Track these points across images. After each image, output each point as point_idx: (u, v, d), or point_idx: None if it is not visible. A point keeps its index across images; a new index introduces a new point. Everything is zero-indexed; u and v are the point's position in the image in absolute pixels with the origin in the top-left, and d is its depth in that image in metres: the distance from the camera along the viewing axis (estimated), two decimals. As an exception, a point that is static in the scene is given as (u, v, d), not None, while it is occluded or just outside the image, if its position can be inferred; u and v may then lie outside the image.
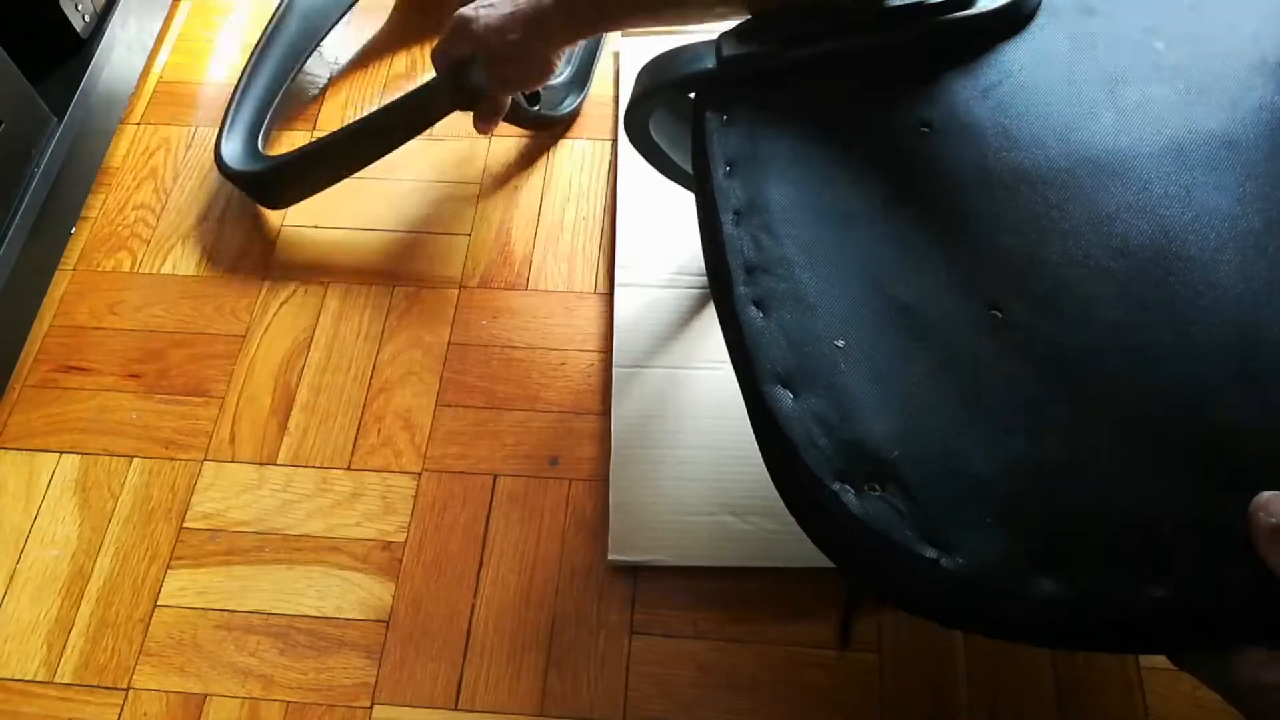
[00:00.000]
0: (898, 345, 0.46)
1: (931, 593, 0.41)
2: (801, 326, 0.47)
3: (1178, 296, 0.45)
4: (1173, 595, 0.39)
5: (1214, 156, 0.49)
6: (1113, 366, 0.44)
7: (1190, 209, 0.47)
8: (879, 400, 0.44)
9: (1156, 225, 0.47)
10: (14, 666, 0.78)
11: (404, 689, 0.76)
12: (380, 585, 0.80)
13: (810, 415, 0.44)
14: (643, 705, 0.74)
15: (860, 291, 0.48)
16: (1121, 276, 0.46)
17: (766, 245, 0.50)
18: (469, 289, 0.96)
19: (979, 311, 0.46)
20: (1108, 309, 0.45)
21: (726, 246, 0.50)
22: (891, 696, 0.74)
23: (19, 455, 0.88)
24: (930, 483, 0.42)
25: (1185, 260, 0.46)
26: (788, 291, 0.48)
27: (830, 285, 0.48)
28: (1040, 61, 0.54)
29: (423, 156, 1.06)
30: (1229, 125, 0.50)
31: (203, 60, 1.16)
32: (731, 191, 0.52)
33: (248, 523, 0.84)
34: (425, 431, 0.88)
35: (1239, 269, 0.45)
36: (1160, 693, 0.72)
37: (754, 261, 0.50)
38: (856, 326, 0.47)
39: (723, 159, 0.53)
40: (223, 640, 0.78)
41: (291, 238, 1.01)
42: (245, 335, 0.94)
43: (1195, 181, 0.48)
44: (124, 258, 1.00)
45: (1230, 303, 0.44)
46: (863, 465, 0.43)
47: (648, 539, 0.79)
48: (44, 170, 0.92)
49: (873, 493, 0.42)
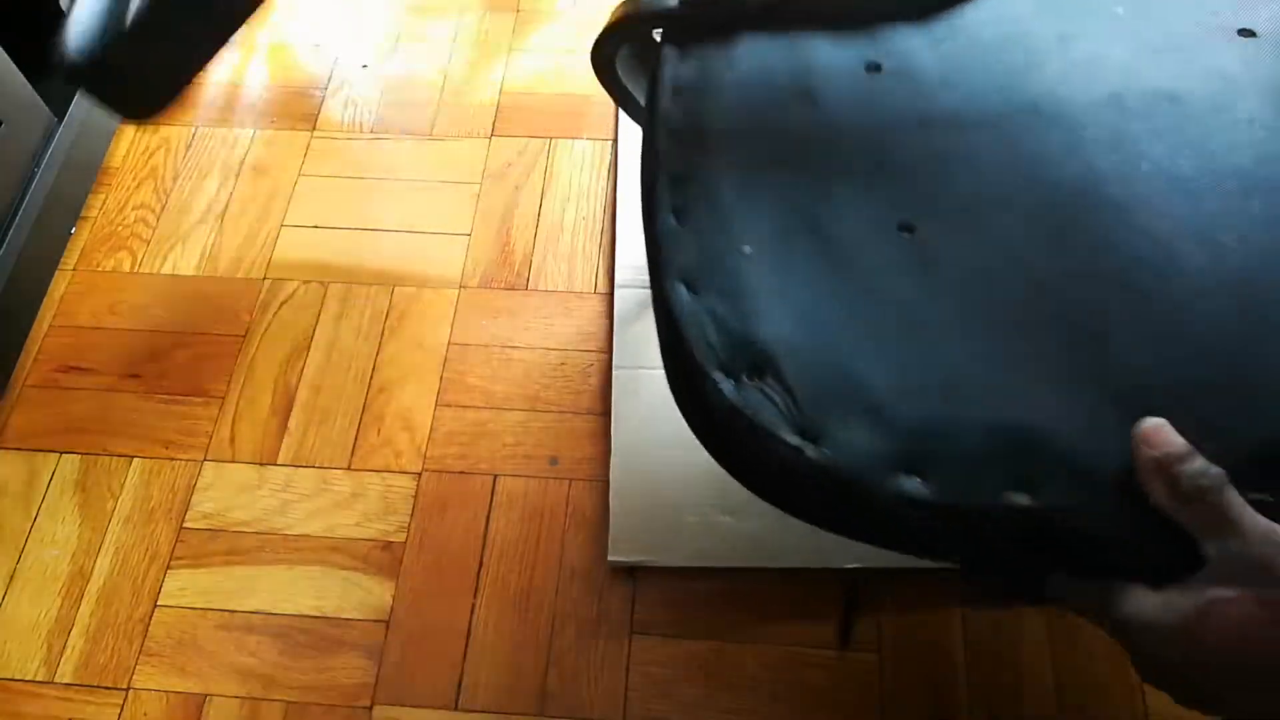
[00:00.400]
0: (803, 256, 0.48)
1: (795, 482, 0.43)
2: (713, 232, 0.49)
3: (1092, 233, 0.46)
4: (1037, 507, 0.40)
5: (1154, 108, 0.50)
6: (1014, 291, 0.45)
7: (1119, 153, 0.48)
8: (775, 303, 0.46)
9: (1083, 166, 0.48)
10: (14, 666, 0.78)
11: (404, 689, 0.76)
12: (380, 585, 0.80)
13: (705, 312, 0.46)
14: (643, 705, 0.74)
15: (777, 207, 0.50)
16: (1039, 210, 0.47)
17: (695, 160, 0.52)
18: (469, 289, 0.96)
19: (889, 232, 0.48)
20: (1019, 239, 0.46)
21: (659, 159, 0.53)
22: (891, 696, 0.74)
23: (19, 455, 0.88)
24: (809, 378, 0.44)
25: (1107, 200, 0.47)
26: (707, 203, 0.50)
27: (749, 200, 0.50)
28: (999, 20, 0.55)
29: (423, 156, 1.06)
30: (1175, 82, 0.51)
31: (203, 60, 1.16)
32: (673, 114, 0.54)
33: (248, 523, 0.84)
34: (425, 431, 0.88)
35: (1160, 210, 0.46)
36: (1161, 693, 0.72)
37: (680, 173, 0.52)
38: (767, 237, 0.49)
39: (671, 85, 0.56)
40: (223, 640, 0.78)
41: (291, 238, 1.01)
42: (245, 335, 0.94)
43: (1130, 130, 0.49)
44: (124, 258, 1.00)
45: (1146, 241, 0.45)
46: (746, 359, 0.45)
47: (648, 539, 0.79)
48: (44, 170, 0.92)
49: (751, 383, 0.44)
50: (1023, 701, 0.73)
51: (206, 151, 1.08)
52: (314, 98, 1.12)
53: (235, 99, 1.12)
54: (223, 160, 1.07)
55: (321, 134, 1.09)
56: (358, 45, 1.17)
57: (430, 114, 1.10)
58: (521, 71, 1.12)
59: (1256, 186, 0.46)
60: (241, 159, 1.07)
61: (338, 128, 1.09)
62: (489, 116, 1.09)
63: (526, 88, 1.11)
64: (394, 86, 1.12)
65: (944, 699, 0.73)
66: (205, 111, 1.12)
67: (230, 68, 1.16)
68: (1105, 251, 0.46)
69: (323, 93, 1.13)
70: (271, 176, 1.05)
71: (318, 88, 1.13)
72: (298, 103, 1.12)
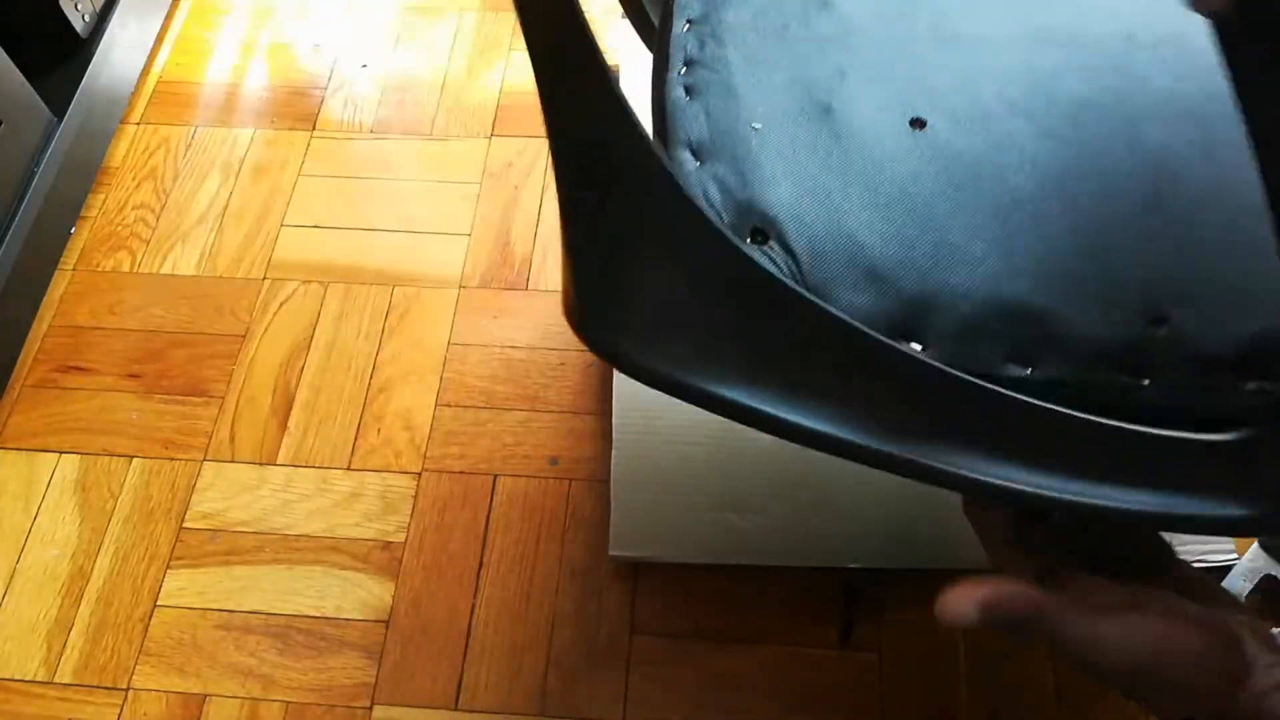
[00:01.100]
0: (813, 136, 0.48)
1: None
2: (723, 109, 0.49)
3: (1101, 139, 0.47)
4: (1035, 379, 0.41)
5: (1163, 43, 0.51)
6: (1024, 185, 0.46)
7: (1129, 78, 0.49)
8: (781, 174, 0.47)
9: (1094, 85, 0.49)
10: (14, 666, 0.78)
11: (404, 689, 0.76)
12: (380, 585, 0.80)
13: (710, 177, 0.47)
14: (643, 705, 0.74)
15: (789, 92, 0.50)
16: (1050, 119, 0.48)
17: (709, 46, 0.52)
18: (469, 289, 0.96)
19: (901, 124, 0.49)
20: (1030, 140, 0.47)
21: (672, 44, 0.53)
22: (891, 696, 0.74)
23: (19, 455, 0.88)
24: (813, 243, 0.44)
25: (1115, 113, 0.48)
26: (719, 83, 0.51)
27: (761, 83, 0.50)
28: None
29: (423, 156, 1.06)
30: (1184, 20, 0.51)
31: (202, 60, 1.16)
32: (691, 4, 0.55)
33: (247, 523, 0.84)
34: (425, 431, 0.88)
35: (1168, 126, 0.47)
36: (1160, 693, 0.72)
37: (694, 57, 0.52)
38: (777, 116, 0.49)
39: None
40: (222, 640, 0.78)
41: (291, 238, 1.01)
42: (245, 335, 0.94)
43: (1139, 59, 0.50)
44: (124, 257, 1.00)
45: (1153, 151, 0.46)
46: (749, 222, 0.45)
47: (649, 535, 0.79)
48: (44, 170, 0.92)
49: (753, 245, 0.45)
50: (1023, 702, 0.73)
51: (206, 151, 1.08)
52: (314, 97, 1.12)
53: (235, 99, 1.12)
54: (222, 160, 1.07)
55: (321, 134, 1.09)
56: (358, 45, 1.17)
57: (430, 114, 1.10)
58: (522, 71, 1.12)
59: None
60: (241, 159, 1.07)
61: (338, 128, 1.09)
62: (489, 116, 1.09)
63: (527, 87, 1.11)
64: (394, 86, 1.12)
65: (944, 699, 0.73)
66: (205, 111, 1.12)
67: (230, 68, 1.15)
68: (1113, 156, 0.46)
69: (323, 92, 1.13)
70: (271, 176, 1.05)
71: (318, 87, 1.13)
72: (298, 102, 1.12)
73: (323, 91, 1.13)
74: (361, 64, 1.15)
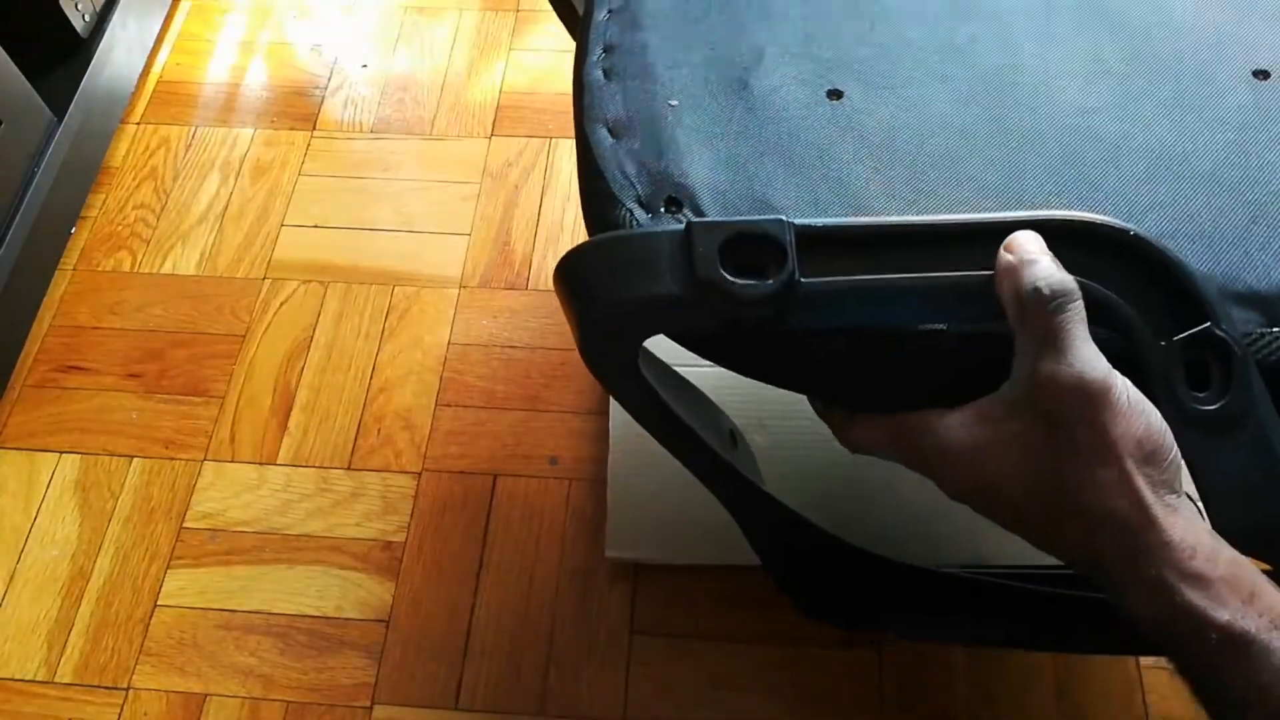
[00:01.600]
0: (729, 109, 0.49)
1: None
2: (640, 89, 0.50)
3: (1020, 104, 0.48)
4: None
5: (1080, 7, 0.52)
6: (941, 148, 0.46)
7: (1046, 44, 0.50)
8: (696, 146, 0.47)
9: (1007, 51, 0.50)
10: (14, 666, 0.78)
11: (404, 689, 0.76)
12: (380, 585, 0.80)
13: (625, 152, 0.47)
14: (643, 705, 0.74)
15: (706, 70, 0.51)
16: (969, 86, 0.49)
17: (629, 32, 0.53)
18: (469, 289, 0.96)
19: (818, 95, 0.49)
20: (949, 107, 0.48)
21: (592, 31, 0.54)
22: (891, 696, 0.74)
23: (19, 455, 0.88)
24: (725, 210, 0.45)
25: (1036, 78, 0.49)
26: (637, 66, 0.51)
27: (679, 64, 0.51)
28: None
29: (423, 156, 1.06)
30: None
31: (203, 60, 1.16)
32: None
33: (247, 523, 0.84)
34: (425, 431, 0.88)
35: (1086, 87, 0.48)
36: (1161, 692, 0.73)
37: (614, 42, 0.53)
38: (693, 93, 0.50)
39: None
40: (223, 640, 0.78)
41: (291, 237, 1.01)
42: (245, 335, 0.94)
43: (1055, 30, 0.51)
44: (124, 257, 1.00)
45: (1071, 113, 0.47)
46: (662, 193, 0.46)
47: (646, 535, 0.78)
48: (44, 170, 0.92)
49: (667, 214, 0.45)
50: (1023, 701, 0.73)
51: (206, 151, 1.08)
52: (314, 97, 1.12)
53: (235, 98, 1.12)
54: (223, 160, 1.07)
55: (321, 134, 1.09)
56: (358, 45, 1.17)
57: (430, 114, 1.10)
58: (521, 71, 1.12)
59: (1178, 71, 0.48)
60: (241, 159, 1.07)
61: (338, 127, 1.09)
62: (489, 116, 1.09)
63: (526, 87, 1.11)
64: (394, 86, 1.12)
65: (944, 699, 0.73)
66: (205, 111, 1.12)
67: (230, 67, 1.16)
68: (1030, 117, 0.47)
69: (323, 92, 1.13)
70: (271, 176, 1.05)
71: (318, 87, 1.13)
72: (298, 102, 1.12)
73: (323, 91, 1.13)
74: (361, 64, 1.15)
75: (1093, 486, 0.35)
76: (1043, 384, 0.36)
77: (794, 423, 0.79)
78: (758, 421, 0.79)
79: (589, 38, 0.54)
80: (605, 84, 0.50)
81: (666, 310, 0.41)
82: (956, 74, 0.49)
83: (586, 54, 0.53)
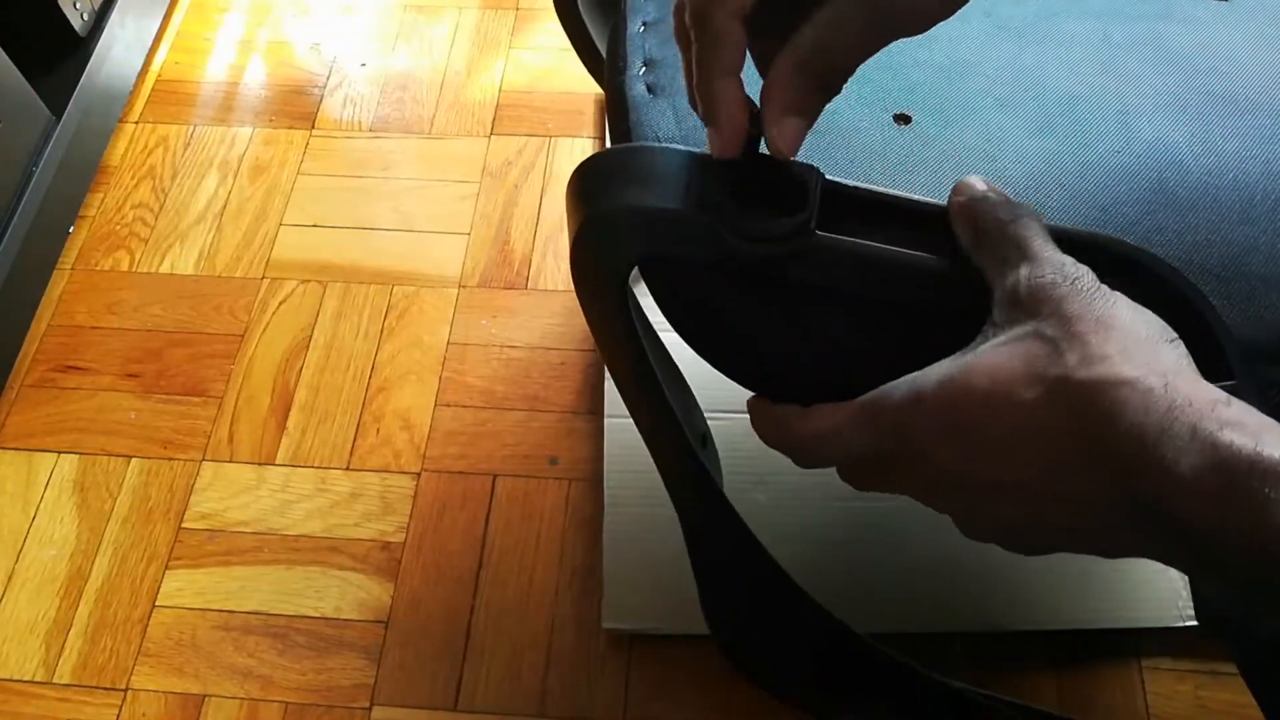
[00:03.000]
0: None
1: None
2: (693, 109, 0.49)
3: (1095, 133, 0.46)
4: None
5: (1139, 39, 0.50)
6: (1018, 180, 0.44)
7: (1110, 74, 0.48)
8: None
9: (1077, 80, 0.48)
10: (12, 667, 0.78)
11: (403, 689, 0.75)
12: (379, 585, 0.80)
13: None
14: (643, 705, 0.74)
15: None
16: (1037, 113, 0.47)
17: (671, 45, 0.49)
18: (469, 289, 0.96)
19: (884, 119, 0.47)
20: (1020, 134, 0.46)
21: (628, 44, 0.51)
22: (892, 697, 0.74)
23: (17, 455, 0.88)
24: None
25: (1105, 107, 0.47)
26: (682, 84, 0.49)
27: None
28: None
29: (422, 155, 1.06)
30: (1157, 23, 0.51)
31: (201, 59, 1.16)
32: (645, 7, 0.53)
33: (246, 523, 0.84)
34: (424, 431, 0.88)
35: (1156, 118, 0.46)
36: (1161, 692, 0.72)
37: (655, 56, 0.50)
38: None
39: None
40: (221, 641, 0.78)
41: (290, 237, 1.01)
42: (244, 335, 0.94)
43: (1118, 57, 0.49)
44: (122, 257, 1.00)
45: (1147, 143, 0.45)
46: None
47: (644, 603, 0.74)
48: (42, 169, 0.92)
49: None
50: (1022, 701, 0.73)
51: (205, 150, 1.08)
52: (313, 96, 1.12)
53: (234, 97, 1.12)
54: (221, 159, 1.07)
55: (320, 133, 1.08)
56: (356, 44, 1.16)
57: (429, 112, 1.09)
58: (521, 70, 1.12)
59: (1253, 105, 0.46)
60: (240, 158, 1.07)
61: (336, 126, 1.09)
62: (488, 115, 1.08)
63: (526, 86, 1.10)
64: (393, 85, 1.12)
65: (945, 699, 0.73)
66: (204, 110, 1.11)
67: (229, 66, 1.15)
68: (1106, 147, 0.45)
69: (321, 91, 1.12)
70: (270, 175, 1.05)
71: (316, 86, 1.13)
72: (296, 101, 1.11)
73: (321, 90, 1.12)
74: (360, 63, 1.15)
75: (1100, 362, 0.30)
76: (1022, 293, 0.33)
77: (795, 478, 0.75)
78: (757, 478, 0.76)
79: (625, 50, 0.51)
80: (652, 100, 0.48)
81: (670, 225, 0.38)
82: (1025, 101, 0.47)
83: (625, 67, 0.50)
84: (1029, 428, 0.31)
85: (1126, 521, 0.30)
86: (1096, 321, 0.31)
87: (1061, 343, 0.31)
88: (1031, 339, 0.32)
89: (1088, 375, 0.30)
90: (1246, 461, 0.27)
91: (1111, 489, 0.30)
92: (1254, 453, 0.27)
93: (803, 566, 0.51)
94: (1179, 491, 0.28)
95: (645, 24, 0.52)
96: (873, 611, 0.73)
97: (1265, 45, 0.49)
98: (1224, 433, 0.28)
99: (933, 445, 0.34)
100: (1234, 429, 0.28)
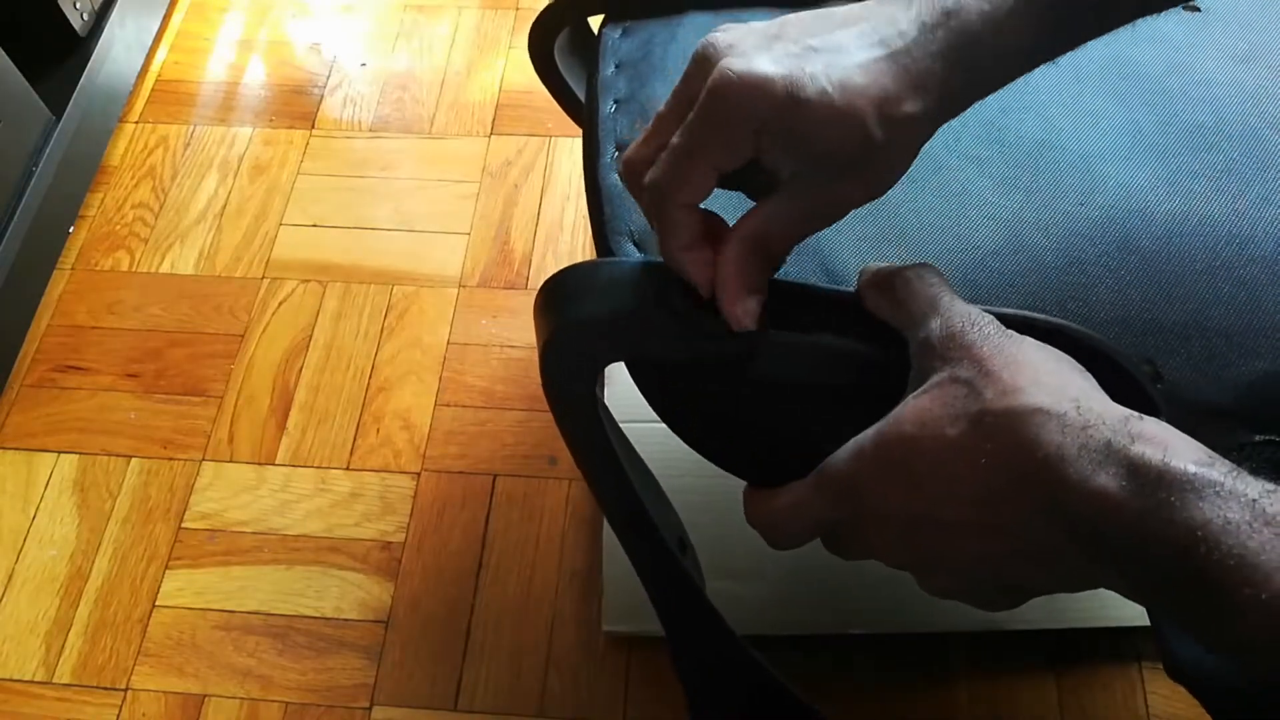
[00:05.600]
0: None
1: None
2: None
3: (1061, 183, 0.46)
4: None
5: (1108, 72, 0.50)
6: (986, 243, 0.44)
7: (1078, 114, 0.48)
8: None
9: (1044, 125, 0.48)
10: (12, 667, 0.78)
11: (403, 689, 0.75)
12: (379, 585, 0.80)
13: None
14: (643, 706, 0.74)
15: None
16: (1004, 166, 0.47)
17: (639, 126, 0.50)
18: (469, 288, 0.96)
19: None
20: (987, 191, 0.46)
21: (600, 127, 0.52)
22: (891, 697, 0.73)
23: (17, 455, 0.88)
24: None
25: (1072, 153, 0.47)
26: None
27: None
28: None
29: (422, 155, 1.06)
30: (1128, 48, 0.51)
31: (201, 59, 1.16)
32: (616, 84, 0.53)
33: (246, 523, 0.84)
34: (424, 431, 0.88)
35: (1127, 161, 0.46)
36: (1161, 692, 0.72)
37: (625, 140, 0.50)
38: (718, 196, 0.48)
39: (613, 59, 0.55)
40: (221, 641, 0.78)
41: (290, 237, 1.01)
42: (244, 335, 0.94)
43: (1086, 93, 0.49)
44: (122, 257, 1.00)
45: (1115, 189, 0.45)
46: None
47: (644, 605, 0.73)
48: (42, 169, 0.92)
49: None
50: (1023, 703, 0.73)
51: (205, 150, 1.08)
52: (313, 96, 1.12)
53: (234, 97, 1.12)
54: (221, 159, 1.07)
55: (320, 132, 1.08)
56: (356, 43, 1.16)
57: (429, 112, 1.09)
58: (521, 69, 1.12)
59: (1222, 136, 0.46)
60: (240, 157, 1.07)
61: (336, 126, 1.09)
62: (488, 114, 1.08)
63: (526, 85, 1.10)
64: (393, 85, 1.12)
65: (944, 699, 0.73)
66: (204, 110, 1.11)
67: (229, 66, 1.15)
68: (1071, 201, 0.45)
69: (321, 91, 1.12)
70: (270, 175, 1.05)
71: (316, 86, 1.13)
72: (296, 101, 1.11)
73: (321, 90, 1.12)
74: (360, 62, 1.15)
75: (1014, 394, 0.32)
76: (936, 344, 0.35)
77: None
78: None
79: (598, 135, 0.51)
80: (623, 192, 0.47)
81: (629, 327, 0.40)
82: (992, 155, 0.47)
83: (599, 155, 0.50)
84: (959, 463, 0.33)
85: (1070, 546, 0.31)
86: (1006, 359, 0.33)
87: (976, 381, 0.33)
88: (949, 383, 0.34)
89: (1005, 406, 0.32)
90: (1155, 472, 0.29)
91: (1046, 514, 0.31)
92: (1161, 464, 0.29)
93: (801, 566, 0.51)
94: (1104, 507, 0.29)
95: (617, 102, 0.53)
96: (872, 612, 0.74)
97: (1236, 61, 0.49)
98: (1135, 446, 0.30)
99: (880, 493, 0.35)
100: (1144, 442, 0.30)
